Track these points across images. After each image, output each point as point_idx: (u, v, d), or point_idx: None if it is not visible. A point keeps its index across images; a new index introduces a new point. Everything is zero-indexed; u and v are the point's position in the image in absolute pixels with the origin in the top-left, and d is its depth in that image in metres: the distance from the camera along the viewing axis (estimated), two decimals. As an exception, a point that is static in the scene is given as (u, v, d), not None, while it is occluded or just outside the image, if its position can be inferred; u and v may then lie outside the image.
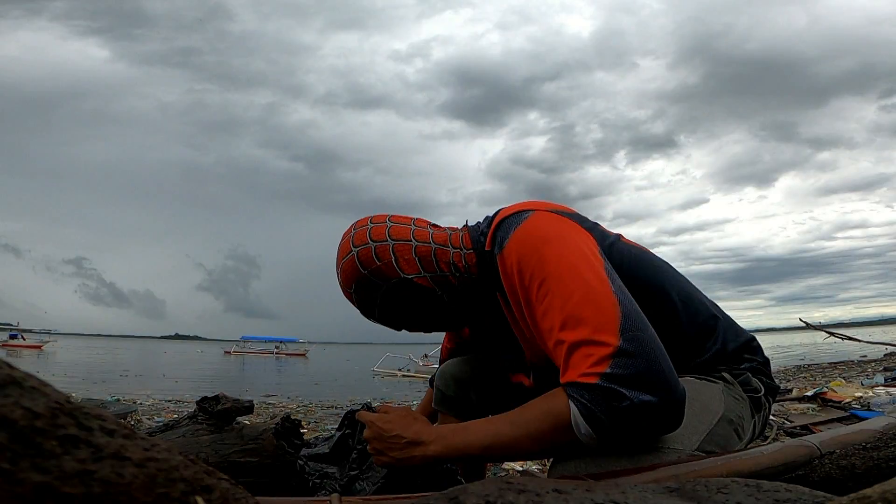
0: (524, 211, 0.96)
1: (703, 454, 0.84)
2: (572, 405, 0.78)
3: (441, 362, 1.46)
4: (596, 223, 1.03)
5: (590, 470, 0.79)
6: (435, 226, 1.06)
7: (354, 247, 0.98)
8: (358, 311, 1.05)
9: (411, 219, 1.04)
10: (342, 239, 1.02)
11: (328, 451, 1.03)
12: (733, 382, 1.00)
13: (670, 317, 0.97)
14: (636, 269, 0.99)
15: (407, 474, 0.94)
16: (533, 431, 0.82)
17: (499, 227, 0.96)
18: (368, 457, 0.97)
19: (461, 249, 1.01)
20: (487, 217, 1.07)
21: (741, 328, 1.09)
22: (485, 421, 0.90)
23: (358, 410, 1.02)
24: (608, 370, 0.76)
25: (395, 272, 0.97)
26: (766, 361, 1.09)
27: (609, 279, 0.85)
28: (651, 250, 1.08)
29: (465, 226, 1.08)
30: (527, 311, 0.90)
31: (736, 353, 1.04)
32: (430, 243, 1.00)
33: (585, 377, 0.77)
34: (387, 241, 0.98)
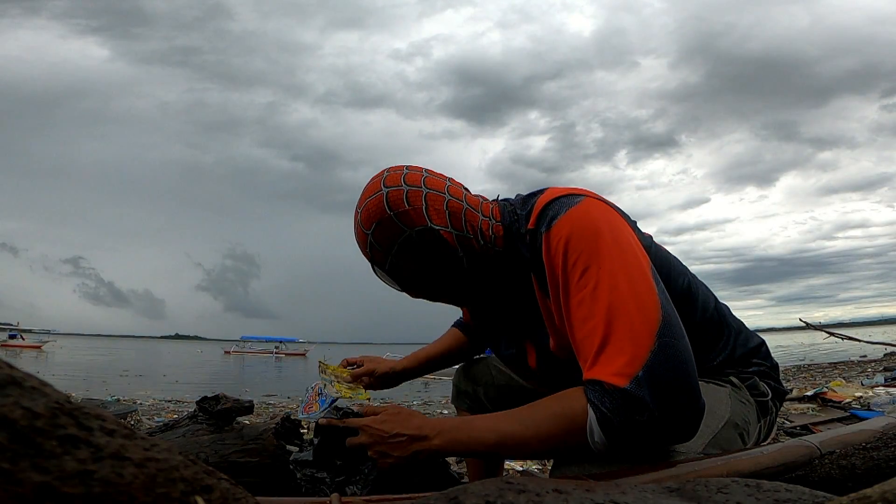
0: (576, 195, 0.91)
1: (704, 456, 0.84)
2: (590, 411, 0.76)
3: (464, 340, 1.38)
4: (635, 221, 0.98)
5: (592, 472, 0.78)
6: (468, 191, 1.01)
7: (385, 186, 0.91)
8: (368, 259, 0.97)
9: (447, 177, 0.99)
10: (371, 179, 0.95)
11: (311, 458, 1.01)
12: (740, 386, 1.00)
13: (691, 317, 0.95)
14: (667, 270, 0.96)
15: (403, 474, 0.92)
16: (543, 433, 0.79)
17: (548, 206, 0.90)
18: (355, 462, 0.94)
19: (490, 219, 0.96)
20: (520, 195, 1.02)
21: (752, 333, 1.09)
22: (492, 417, 0.86)
23: (331, 417, 0.98)
24: (640, 373, 0.74)
25: (422, 219, 0.90)
26: (775, 366, 1.08)
27: (654, 280, 0.82)
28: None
29: (497, 199, 1.03)
30: (562, 295, 0.86)
31: (745, 356, 1.04)
32: (462, 202, 0.95)
33: (615, 377, 0.75)
34: (421, 187, 0.92)
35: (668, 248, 1.05)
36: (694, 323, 0.96)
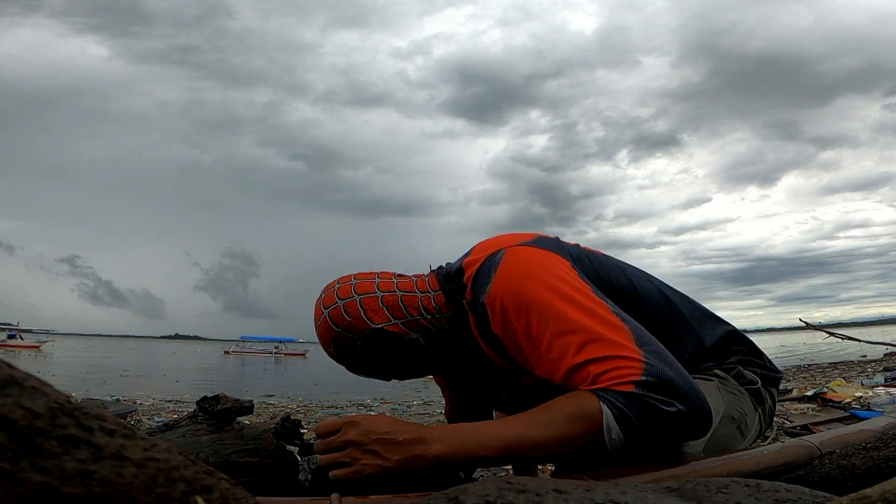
0: (494, 253, 0.95)
1: (704, 455, 0.84)
2: (605, 408, 0.76)
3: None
4: (556, 238, 1.02)
5: (593, 471, 0.78)
6: (400, 276, 1.08)
7: (325, 308, 1.01)
8: (346, 367, 1.06)
9: (375, 273, 1.07)
10: (315, 305, 1.04)
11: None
12: (726, 378, 0.99)
13: (643, 317, 0.95)
14: (604, 272, 0.99)
15: (403, 480, 0.79)
16: (563, 434, 0.78)
17: (476, 276, 0.96)
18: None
19: (429, 292, 1.03)
20: (450, 264, 1.08)
21: (718, 319, 1.08)
22: (499, 422, 0.85)
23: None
24: (643, 378, 0.76)
25: (365, 324, 0.99)
26: (755, 349, 1.07)
27: (603, 299, 0.86)
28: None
29: (431, 270, 1.09)
30: (528, 348, 0.88)
31: (719, 346, 1.03)
32: (395, 291, 1.03)
33: (619, 386, 0.77)
34: (353, 296, 1.01)
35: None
36: (647, 317, 0.96)
